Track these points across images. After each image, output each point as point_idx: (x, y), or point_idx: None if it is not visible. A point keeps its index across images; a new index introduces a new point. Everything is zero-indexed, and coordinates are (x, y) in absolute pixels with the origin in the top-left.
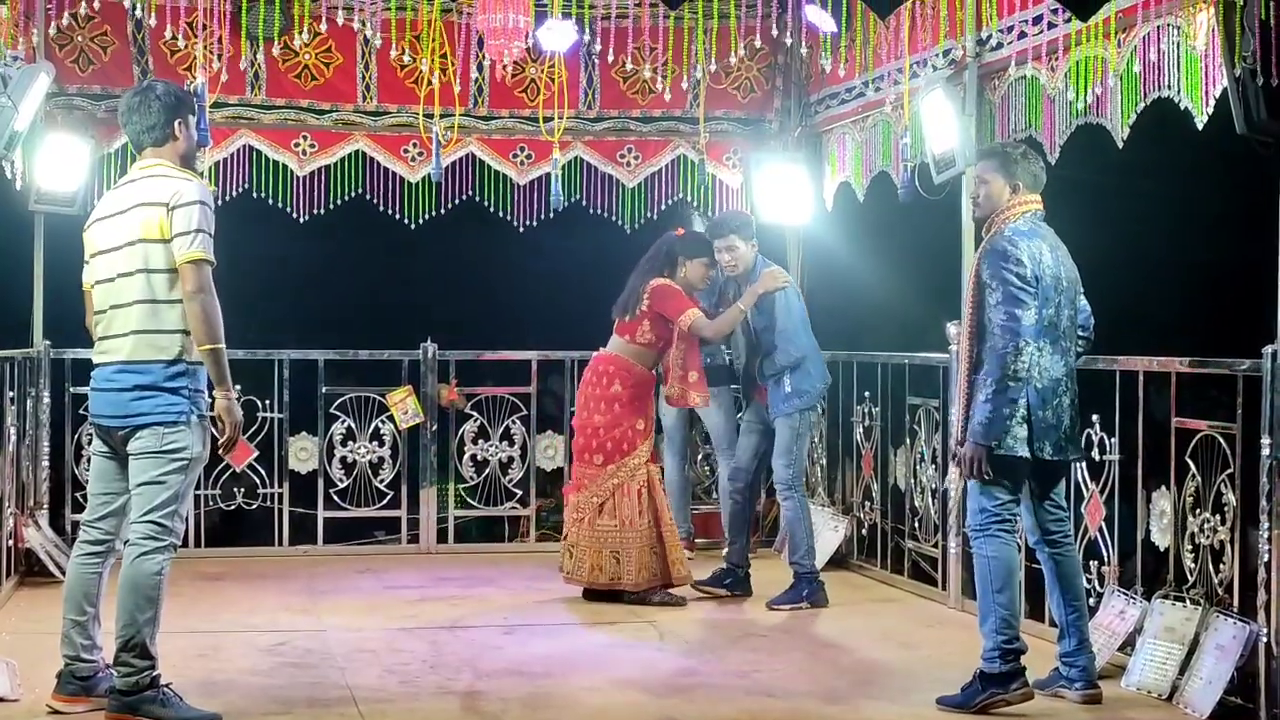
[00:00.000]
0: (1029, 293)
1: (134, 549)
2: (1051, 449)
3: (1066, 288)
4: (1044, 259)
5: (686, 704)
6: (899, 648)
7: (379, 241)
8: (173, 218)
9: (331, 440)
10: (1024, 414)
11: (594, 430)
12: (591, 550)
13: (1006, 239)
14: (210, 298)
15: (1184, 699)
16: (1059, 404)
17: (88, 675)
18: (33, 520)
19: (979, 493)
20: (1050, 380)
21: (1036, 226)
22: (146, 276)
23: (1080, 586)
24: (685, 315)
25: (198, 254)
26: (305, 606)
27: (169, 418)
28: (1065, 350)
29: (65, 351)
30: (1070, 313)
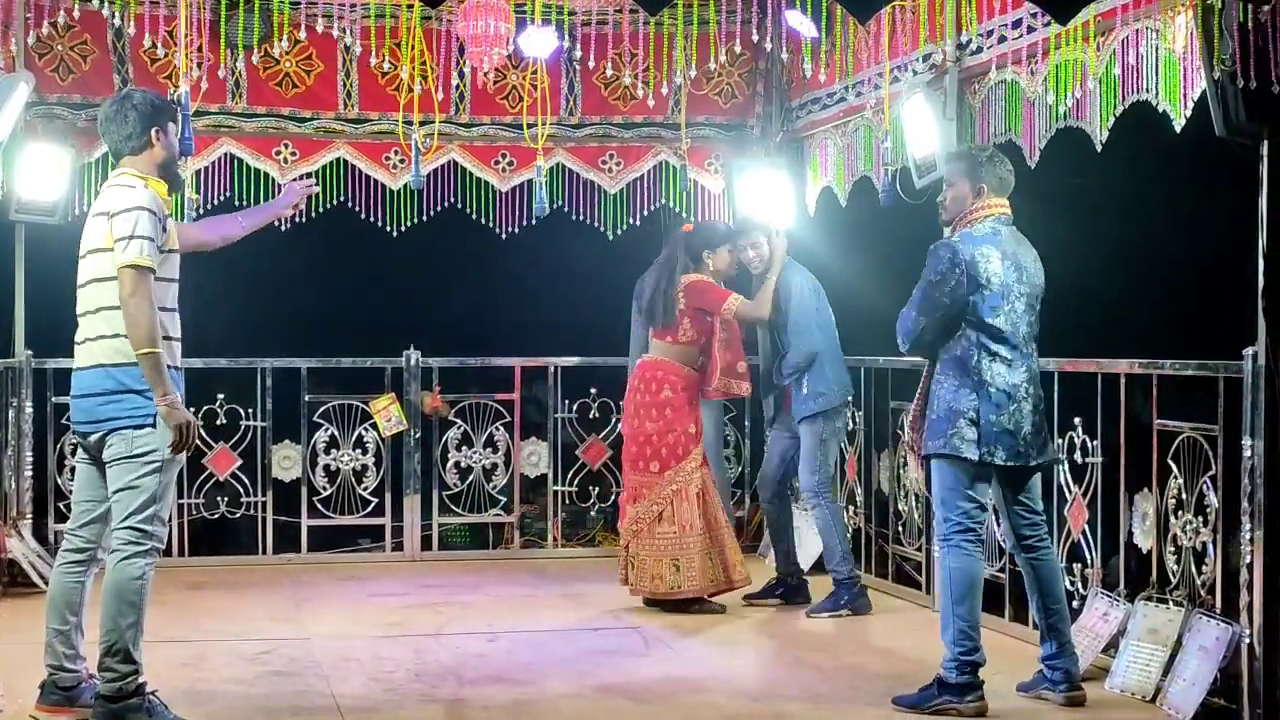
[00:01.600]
0: (932, 295)
1: (116, 555)
2: (1006, 454)
3: (1027, 293)
4: (990, 266)
5: (669, 710)
6: (882, 652)
7: (361, 249)
8: (113, 224)
9: (315, 448)
10: (973, 416)
11: (647, 438)
12: (652, 559)
13: (946, 243)
14: (143, 302)
15: (1167, 700)
16: (1016, 410)
17: (71, 685)
18: (15, 530)
19: (941, 503)
20: (1007, 385)
21: (997, 231)
22: (98, 285)
23: (1059, 590)
24: (728, 304)
25: (131, 259)
26: (289, 615)
27: (135, 421)
28: (1026, 356)
29: (46, 361)
30: (1031, 319)
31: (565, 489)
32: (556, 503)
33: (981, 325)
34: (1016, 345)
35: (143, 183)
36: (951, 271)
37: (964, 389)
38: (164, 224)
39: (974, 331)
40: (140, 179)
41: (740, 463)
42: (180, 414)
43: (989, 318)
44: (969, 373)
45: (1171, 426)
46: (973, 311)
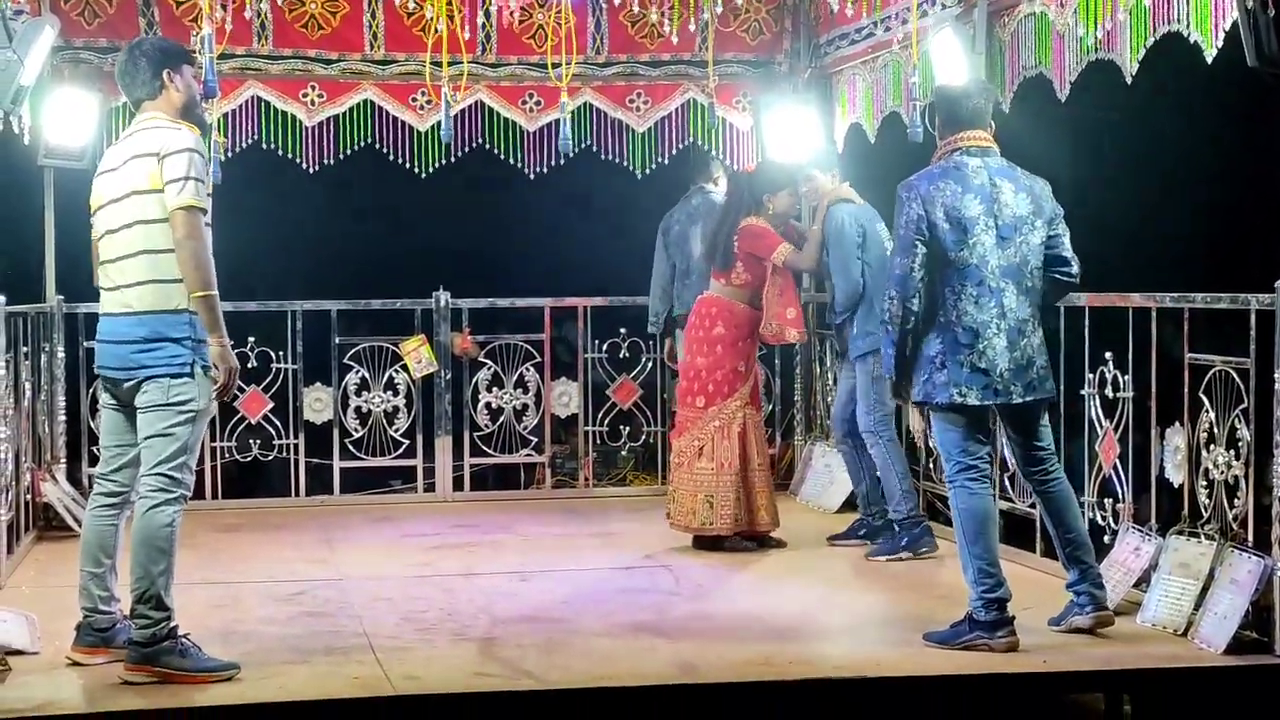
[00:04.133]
0: (903, 237)
1: (144, 502)
2: (980, 394)
3: (1002, 226)
4: (946, 199)
5: (701, 648)
6: (916, 589)
7: (389, 190)
8: (163, 166)
9: (346, 390)
10: (941, 360)
11: (696, 372)
12: (688, 494)
13: (904, 183)
14: (200, 244)
15: (1199, 634)
16: (987, 347)
17: (106, 627)
18: (49, 474)
19: (941, 446)
20: (975, 323)
21: (961, 165)
22: (144, 228)
23: (1072, 518)
24: (777, 252)
25: (187, 201)
26: (322, 556)
27: (173, 369)
28: (997, 291)
29: (78, 306)
30: (1008, 252)
31: (596, 429)
32: (587, 443)
33: (946, 261)
34: (984, 280)
35: (184, 125)
36: (909, 207)
37: (932, 332)
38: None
39: (941, 269)
40: (176, 122)
41: (770, 401)
42: (232, 358)
43: (952, 253)
44: (937, 313)
45: (1203, 360)
46: (938, 248)
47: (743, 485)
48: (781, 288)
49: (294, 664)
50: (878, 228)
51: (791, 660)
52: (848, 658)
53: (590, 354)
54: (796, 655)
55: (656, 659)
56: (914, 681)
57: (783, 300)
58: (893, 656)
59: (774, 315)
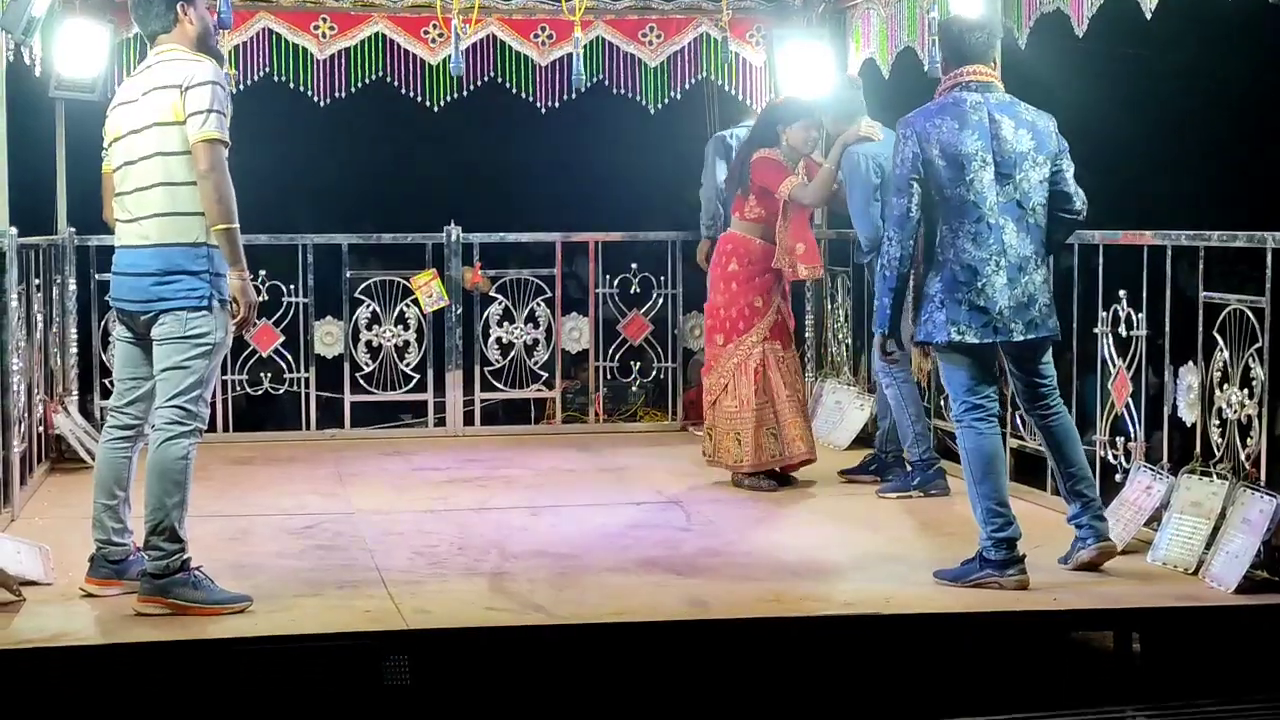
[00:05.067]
0: (900, 176)
1: (159, 434)
2: (979, 332)
3: (1000, 161)
4: (943, 135)
5: (711, 584)
6: (927, 527)
7: (401, 124)
8: (186, 99)
9: (356, 324)
10: (940, 300)
11: (714, 310)
12: (720, 431)
13: (901, 120)
14: (223, 177)
15: (1210, 573)
16: (986, 284)
17: (120, 559)
18: (62, 406)
19: (947, 385)
20: (973, 260)
21: (960, 100)
22: (164, 160)
23: (1073, 450)
24: (783, 185)
25: (211, 134)
26: (333, 490)
27: (191, 302)
28: (996, 228)
29: (89, 238)
30: (1008, 188)
31: (606, 364)
32: (598, 378)
33: (944, 198)
34: (983, 216)
35: (196, 57)
36: (905, 145)
37: (931, 272)
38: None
39: (939, 207)
40: (192, 54)
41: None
42: (251, 292)
43: (949, 190)
44: (935, 253)
45: (1217, 299)
46: (935, 186)
47: (773, 418)
48: (793, 222)
49: (305, 597)
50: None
51: (802, 597)
52: (858, 594)
53: (601, 289)
54: (807, 592)
55: (667, 595)
56: (924, 619)
57: (793, 234)
58: (903, 593)
59: (785, 250)
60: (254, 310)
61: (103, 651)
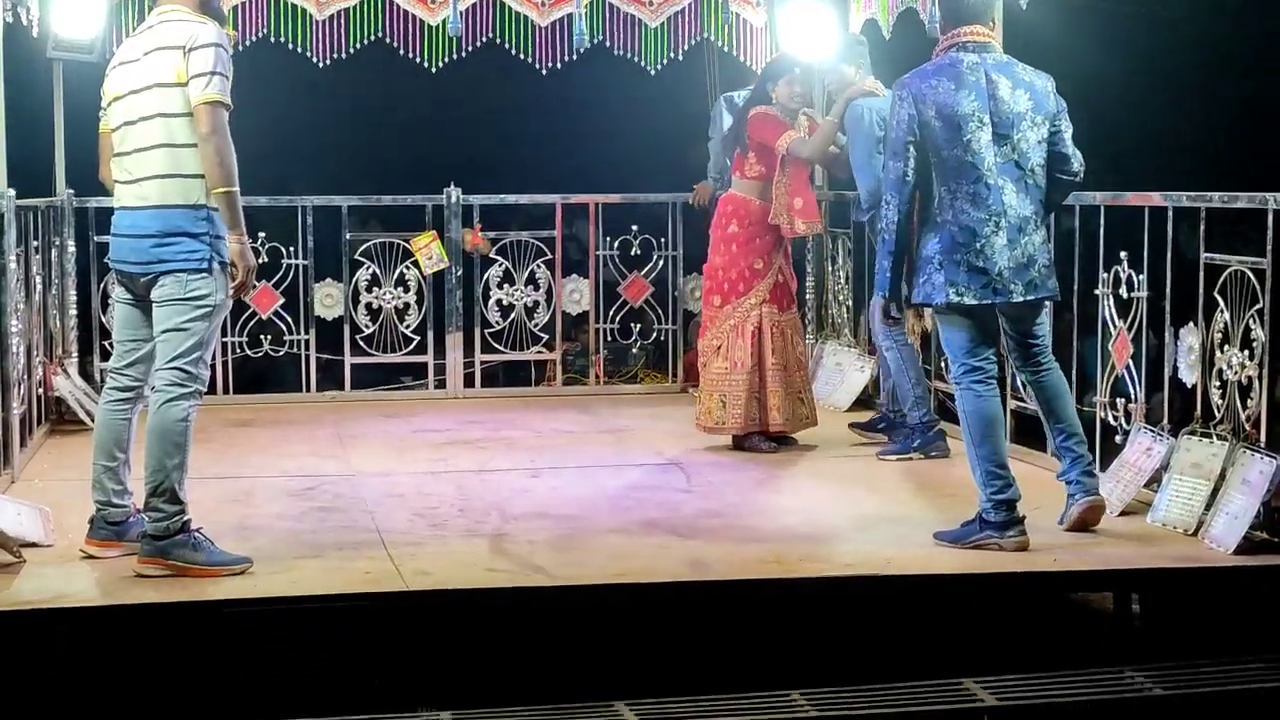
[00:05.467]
0: (894, 140)
1: (160, 396)
2: (978, 294)
3: (998, 122)
4: (939, 97)
5: (711, 545)
6: (927, 488)
7: (401, 86)
8: (189, 60)
9: (356, 286)
10: (939, 261)
11: (713, 271)
12: (706, 393)
13: (898, 82)
14: (224, 140)
15: (1209, 534)
16: (985, 245)
17: (119, 520)
18: (61, 368)
19: (946, 347)
20: (971, 221)
21: (957, 60)
22: (165, 121)
23: (1063, 407)
24: (781, 139)
25: (213, 96)
26: (334, 452)
27: (191, 264)
28: (995, 189)
29: (89, 200)
30: (1005, 149)
31: (607, 326)
32: (598, 340)
33: (940, 160)
34: (981, 177)
35: (199, 19)
36: (901, 108)
37: (929, 233)
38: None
39: (937, 169)
40: (195, 15)
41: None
42: (251, 255)
43: (945, 151)
44: (932, 214)
45: (1219, 260)
46: (931, 146)
47: (760, 386)
48: (791, 177)
49: (306, 558)
50: None
51: (802, 558)
52: (858, 556)
53: (601, 251)
54: (807, 553)
55: (667, 556)
56: (924, 580)
57: (791, 190)
58: (903, 555)
59: (783, 206)
60: (253, 274)
61: (103, 613)
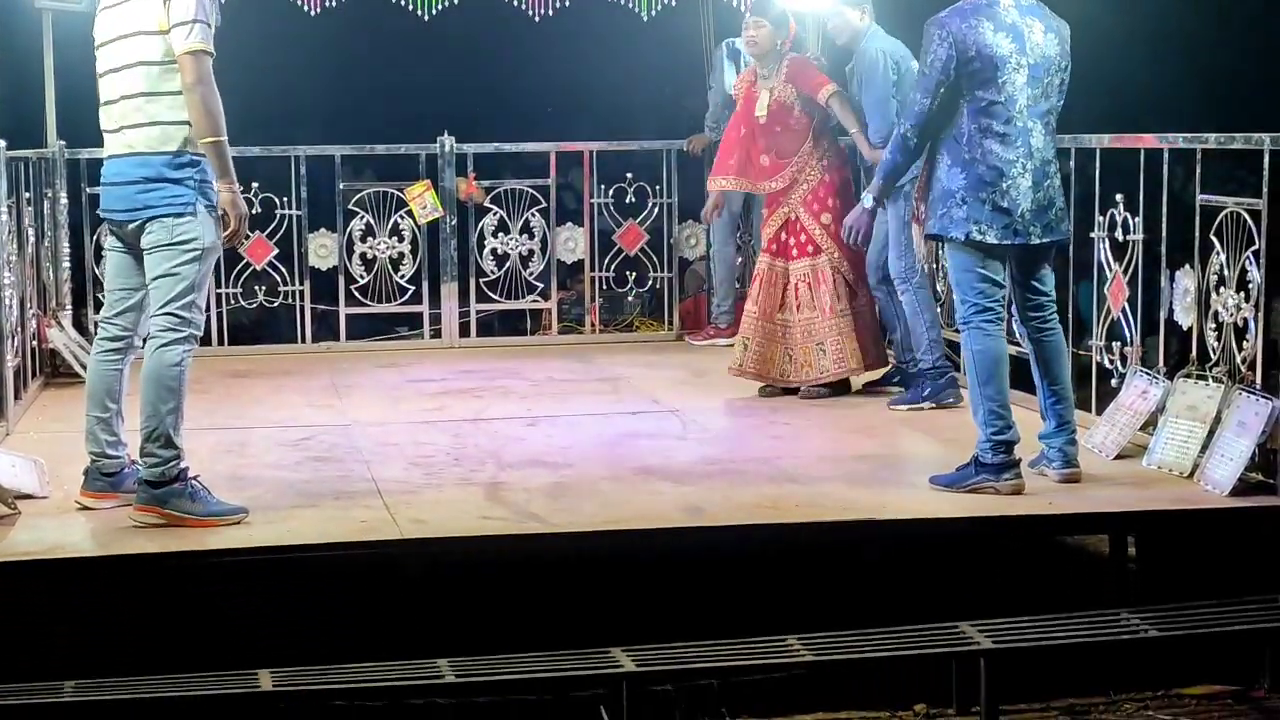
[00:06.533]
0: (928, 77)
1: (154, 341)
2: (1000, 233)
3: (1032, 65)
4: (980, 37)
5: (708, 491)
6: (924, 434)
7: (392, 34)
8: (169, 8)
9: (351, 236)
10: (962, 196)
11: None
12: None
13: (935, 19)
14: (210, 90)
15: (1205, 476)
16: (1011, 186)
17: (114, 471)
18: (55, 321)
19: (956, 285)
20: (1000, 162)
21: (993, 1)
22: (146, 69)
23: (1061, 370)
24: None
25: (196, 45)
26: (329, 402)
27: (175, 209)
28: (1024, 131)
29: (80, 151)
30: (1035, 93)
31: (602, 274)
32: (594, 288)
33: (973, 99)
34: (1012, 119)
35: None
36: (940, 47)
37: (955, 167)
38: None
39: (967, 105)
40: None
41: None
42: (242, 204)
43: (980, 91)
44: (961, 150)
45: (1214, 201)
46: (966, 85)
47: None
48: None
49: (301, 508)
50: (911, 65)
51: (798, 503)
52: (854, 501)
53: (596, 199)
54: (803, 498)
55: (662, 502)
56: (919, 524)
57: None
58: (898, 499)
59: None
60: (245, 222)
61: (99, 563)
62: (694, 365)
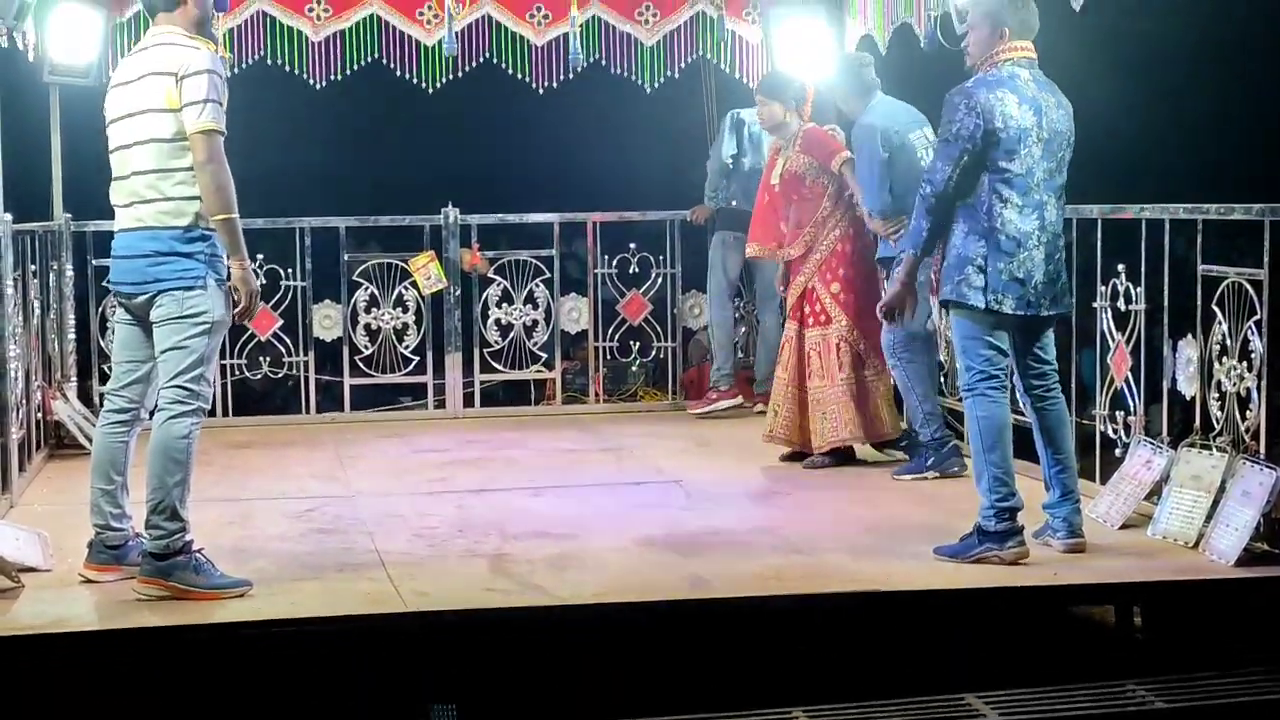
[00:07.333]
0: (952, 145)
1: (162, 413)
2: (1015, 303)
3: (1048, 139)
4: (1006, 109)
5: (711, 562)
6: (926, 503)
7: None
8: (182, 87)
9: (355, 307)
10: (980, 264)
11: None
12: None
13: (961, 89)
14: (221, 167)
15: (1210, 546)
16: (1027, 258)
17: (118, 544)
18: (60, 392)
19: (963, 352)
20: (1018, 233)
21: (1015, 75)
22: (158, 145)
23: (1064, 439)
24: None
25: (207, 124)
26: (333, 473)
27: (186, 282)
28: (1039, 204)
29: (86, 224)
30: (1050, 166)
31: (606, 344)
32: (597, 358)
33: (995, 170)
34: (1029, 191)
35: (201, 43)
36: (967, 117)
37: (973, 235)
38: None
39: (987, 176)
40: (193, 39)
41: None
42: (253, 280)
43: (1003, 162)
44: (979, 219)
45: (1216, 272)
46: (989, 156)
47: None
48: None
49: (305, 580)
50: (910, 137)
51: (802, 575)
52: (859, 572)
53: (600, 269)
54: (808, 569)
55: (667, 574)
56: (925, 595)
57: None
58: (903, 570)
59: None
60: (256, 299)
61: (102, 637)
62: (698, 435)
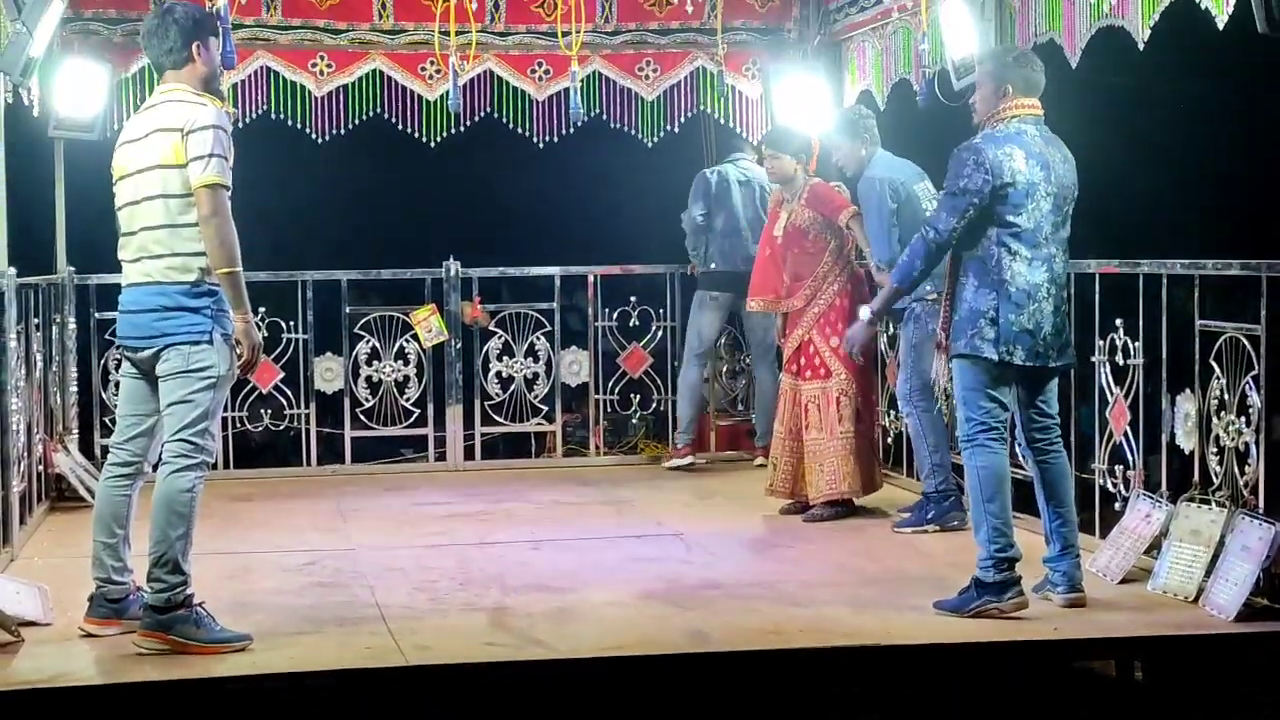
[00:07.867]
0: (959, 199)
1: (166, 467)
2: (1025, 355)
3: (1055, 193)
4: (1015, 165)
5: (711, 616)
6: (926, 556)
7: (399, 160)
8: (187, 143)
9: (356, 360)
10: (992, 316)
11: None
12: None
13: (969, 145)
14: (225, 222)
15: (1210, 601)
16: (1037, 310)
17: (119, 598)
18: (62, 445)
19: (963, 403)
20: (1028, 285)
21: (1022, 131)
22: (165, 201)
23: (1065, 493)
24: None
25: (212, 179)
26: (334, 526)
27: (193, 337)
28: (1048, 257)
29: (89, 277)
30: (1057, 220)
31: (606, 397)
32: (598, 411)
33: (1004, 224)
34: (1038, 244)
35: (207, 99)
36: (976, 173)
37: (984, 289)
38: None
39: (996, 230)
40: (200, 96)
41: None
42: (256, 334)
43: (1011, 216)
44: (989, 272)
45: (1214, 327)
46: (996, 211)
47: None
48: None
49: (305, 634)
50: (915, 189)
51: (802, 629)
52: (858, 626)
53: (600, 322)
54: (807, 623)
55: (667, 628)
56: (924, 649)
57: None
58: (903, 625)
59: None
60: (259, 352)
61: (102, 692)
62: (698, 487)
